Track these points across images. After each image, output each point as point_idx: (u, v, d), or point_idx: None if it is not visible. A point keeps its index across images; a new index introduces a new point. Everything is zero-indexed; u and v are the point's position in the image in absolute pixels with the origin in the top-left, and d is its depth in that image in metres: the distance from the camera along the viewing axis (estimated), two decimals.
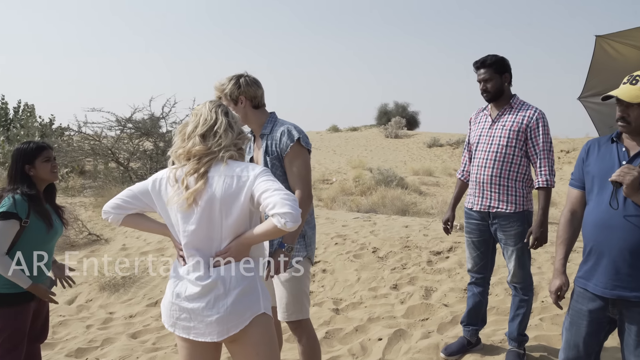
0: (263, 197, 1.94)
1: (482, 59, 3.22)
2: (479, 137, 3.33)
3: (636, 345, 2.13)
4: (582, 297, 2.28)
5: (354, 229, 6.54)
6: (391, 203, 12.31)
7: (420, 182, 16.97)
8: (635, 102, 2.07)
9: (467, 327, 3.56)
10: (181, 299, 2.05)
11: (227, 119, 2.12)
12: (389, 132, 31.09)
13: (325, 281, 5.00)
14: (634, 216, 2.08)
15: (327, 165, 20.97)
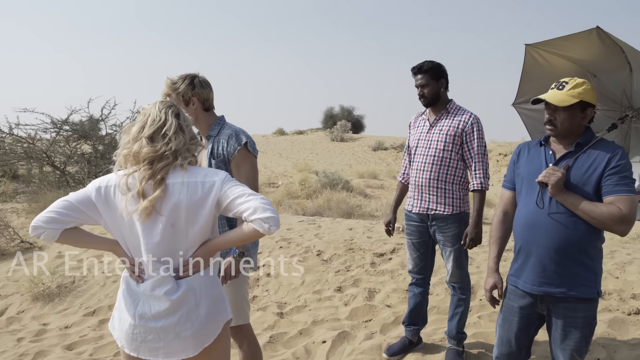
0: (238, 202, 1.89)
1: (418, 65, 3.30)
2: (417, 141, 3.42)
3: (562, 339, 2.25)
4: (513, 294, 2.38)
5: (298, 233, 6.56)
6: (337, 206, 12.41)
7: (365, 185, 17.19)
8: (561, 106, 2.19)
9: (409, 327, 3.64)
10: (146, 319, 1.90)
11: (178, 121, 1.98)
12: (335, 135, 31.37)
13: (269, 285, 4.98)
14: (559, 215, 2.19)
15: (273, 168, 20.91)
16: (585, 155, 2.20)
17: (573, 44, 2.39)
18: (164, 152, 1.91)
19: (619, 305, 4.28)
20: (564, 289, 2.21)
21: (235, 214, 1.91)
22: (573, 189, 2.18)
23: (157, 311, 1.89)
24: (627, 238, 9.84)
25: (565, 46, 2.43)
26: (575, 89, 2.19)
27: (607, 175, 2.13)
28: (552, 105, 2.22)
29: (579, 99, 2.17)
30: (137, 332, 1.92)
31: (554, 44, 2.45)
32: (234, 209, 1.90)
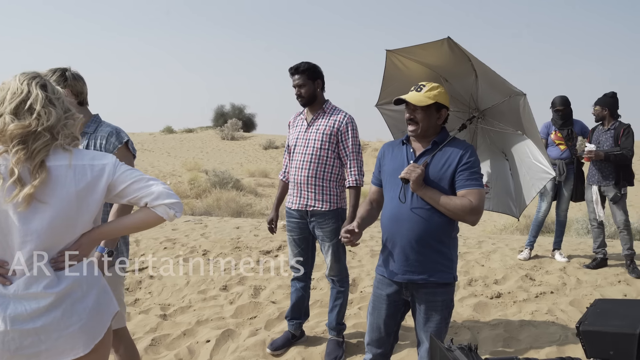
0: (136, 187, 1.79)
1: (295, 66, 3.41)
2: (296, 140, 3.53)
3: (425, 322, 2.46)
4: (381, 283, 2.56)
5: (184, 232, 6.44)
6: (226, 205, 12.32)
7: (256, 184, 17.21)
8: (420, 106, 2.41)
9: (292, 322, 3.74)
10: (21, 321, 1.67)
11: (46, 93, 1.75)
12: (226, 133, 30.98)
13: (152, 287, 4.85)
14: (419, 209, 2.40)
15: (161, 167, 20.23)
16: (441, 153, 2.43)
17: (428, 52, 2.62)
18: (35, 128, 1.67)
19: (483, 290, 4.71)
20: (424, 275, 2.42)
21: (133, 199, 1.81)
22: (431, 184, 2.40)
23: (36, 308, 1.69)
24: (494, 229, 10.81)
25: (421, 53, 2.66)
26: (431, 91, 2.43)
27: (459, 170, 2.37)
28: (412, 105, 2.44)
29: (435, 101, 2.41)
30: (9, 339, 1.67)
31: (411, 50, 2.66)
32: (131, 194, 1.80)
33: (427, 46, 2.55)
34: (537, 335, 3.78)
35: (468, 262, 5.43)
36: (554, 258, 5.53)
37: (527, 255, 5.53)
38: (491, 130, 2.98)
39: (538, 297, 4.54)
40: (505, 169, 3.04)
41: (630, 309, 2.00)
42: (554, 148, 5.40)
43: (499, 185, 3.08)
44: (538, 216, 5.56)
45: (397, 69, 2.82)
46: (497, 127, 2.92)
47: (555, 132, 5.42)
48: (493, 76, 2.61)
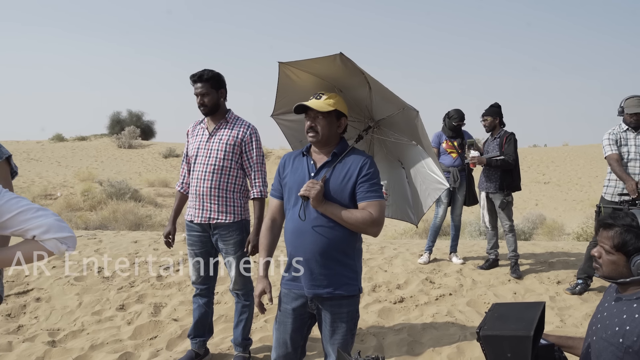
0: (23, 218, 1.64)
1: (199, 73, 3.28)
2: (197, 150, 3.39)
3: (331, 334, 2.44)
4: (287, 297, 2.51)
5: (76, 249, 5.99)
6: (123, 217, 11.73)
7: (156, 194, 16.54)
8: (321, 112, 2.41)
9: (194, 340, 3.58)
10: None
11: None
12: (122, 142, 29.50)
13: (39, 311, 4.44)
14: (321, 222, 2.38)
15: (50, 178, 18.81)
16: (341, 165, 2.43)
17: (320, 65, 2.64)
18: None
19: (387, 296, 4.81)
20: (330, 289, 2.40)
21: (18, 231, 1.66)
22: (332, 198, 2.39)
23: None
24: (395, 234, 11.19)
25: (314, 66, 2.67)
26: (330, 99, 2.45)
27: (359, 182, 2.39)
28: (313, 113, 2.43)
29: (335, 108, 2.43)
30: None
31: (304, 64, 2.67)
32: (16, 225, 1.65)
33: (319, 60, 2.57)
34: (439, 337, 3.92)
35: (371, 268, 5.54)
36: (451, 261, 5.80)
37: (426, 259, 5.74)
38: (387, 140, 3.05)
39: (438, 300, 4.71)
40: (402, 177, 3.12)
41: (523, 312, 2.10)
42: (446, 156, 5.68)
43: (397, 192, 3.15)
44: (435, 222, 5.80)
45: (291, 80, 2.81)
46: (392, 137, 2.99)
47: (446, 141, 5.70)
48: (385, 90, 2.67)
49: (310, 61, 2.62)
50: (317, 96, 2.47)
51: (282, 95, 2.98)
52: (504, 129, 5.47)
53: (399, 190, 3.15)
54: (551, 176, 23.85)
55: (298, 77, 2.81)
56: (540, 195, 20.33)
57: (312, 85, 2.79)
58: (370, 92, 2.76)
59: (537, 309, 2.09)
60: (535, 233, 11.85)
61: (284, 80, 2.85)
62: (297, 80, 2.82)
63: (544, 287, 5.06)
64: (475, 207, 6.30)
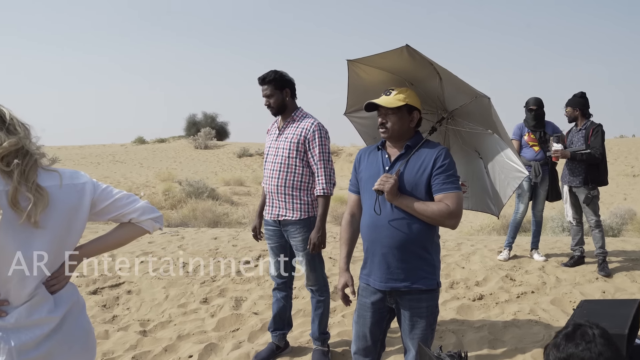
0: (119, 204, 1.82)
1: (263, 76, 3.35)
2: (268, 149, 3.50)
3: (410, 329, 2.44)
4: (365, 291, 2.53)
5: (160, 245, 6.32)
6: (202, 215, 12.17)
7: (231, 192, 17.06)
8: (391, 108, 2.40)
9: (275, 333, 3.68)
10: (28, 349, 1.62)
11: (8, 110, 1.67)
12: (199, 143, 30.65)
13: (130, 303, 4.73)
14: (397, 216, 2.38)
15: (134, 179, 19.89)
16: (415, 157, 2.42)
17: (388, 60, 2.63)
18: (22, 145, 1.59)
19: (465, 293, 4.72)
20: (407, 283, 2.39)
21: (116, 216, 1.84)
22: (407, 191, 2.38)
23: (40, 334, 1.64)
24: (471, 230, 10.92)
25: (382, 61, 2.67)
26: (400, 94, 2.43)
27: (435, 174, 2.36)
28: (383, 110, 2.43)
29: (405, 102, 2.41)
30: None
31: (371, 59, 2.67)
32: (114, 211, 1.82)
33: (386, 55, 2.56)
34: (521, 336, 3.80)
35: (448, 264, 5.45)
36: (532, 258, 5.59)
37: (506, 256, 5.57)
38: (462, 131, 3.00)
39: (519, 298, 4.57)
40: (481, 168, 3.06)
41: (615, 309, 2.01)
42: (528, 149, 5.47)
43: (476, 183, 3.09)
44: (516, 217, 5.62)
45: (360, 78, 2.82)
46: (467, 127, 2.93)
47: (528, 133, 5.49)
48: (456, 80, 2.63)
49: (377, 56, 2.62)
50: (387, 92, 2.47)
51: (353, 93, 3.00)
52: (591, 120, 5.19)
53: (477, 182, 3.09)
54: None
55: (367, 74, 2.82)
56: (629, 188, 19.09)
57: (382, 81, 2.79)
58: (441, 83, 2.72)
59: (631, 307, 1.99)
60: (624, 229, 11.16)
61: (353, 78, 2.87)
62: (366, 77, 2.83)
63: (637, 285, 4.77)
64: (558, 202, 6.04)
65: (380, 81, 2.79)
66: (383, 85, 2.71)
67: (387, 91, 2.48)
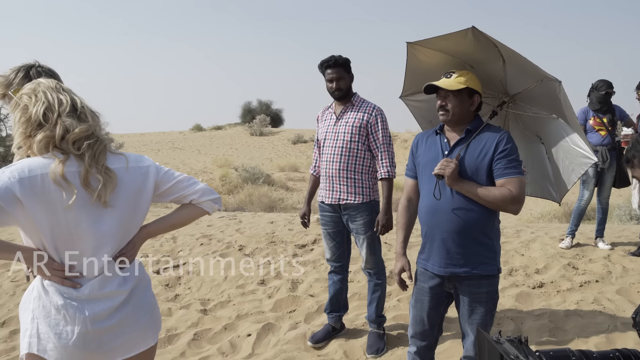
0: (181, 186, 1.92)
1: (334, 59, 3.38)
2: (325, 134, 3.52)
3: (469, 314, 2.41)
4: (423, 276, 2.52)
5: (219, 229, 6.50)
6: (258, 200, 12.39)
7: (286, 178, 17.26)
8: (451, 90, 2.37)
9: (331, 315, 3.73)
10: (101, 320, 1.73)
11: (80, 98, 1.77)
12: (254, 130, 31.15)
13: (192, 283, 4.91)
14: (457, 201, 2.35)
15: (192, 165, 20.47)
16: (476, 141, 2.37)
17: (450, 42, 2.56)
18: (92, 131, 1.72)
19: (524, 280, 4.61)
20: (467, 268, 2.36)
21: (177, 197, 1.93)
22: (467, 176, 2.34)
23: (111, 306, 1.75)
24: (531, 217, 10.60)
25: (443, 44, 2.60)
26: (461, 77, 2.39)
27: (496, 159, 2.31)
28: (443, 92, 2.40)
29: (466, 85, 2.37)
30: (89, 339, 1.71)
31: (432, 42, 2.62)
32: (176, 192, 1.91)
33: (449, 37, 2.50)
34: (584, 326, 3.68)
35: (507, 251, 5.33)
36: (596, 246, 5.38)
37: (569, 244, 5.39)
38: (523, 115, 2.90)
39: (583, 287, 4.42)
40: (542, 153, 2.96)
41: None
42: (594, 134, 5.23)
43: (536, 169, 2.99)
44: (580, 204, 5.41)
45: (419, 61, 2.77)
46: (530, 111, 2.83)
47: (593, 117, 5.25)
48: (522, 61, 2.53)
49: (439, 38, 2.57)
50: (447, 75, 2.43)
51: (410, 75, 2.96)
52: None
53: (538, 167, 2.99)
54: None
55: (427, 56, 2.77)
56: None
57: (441, 64, 2.74)
58: (505, 66, 2.64)
59: None
60: None
61: (412, 60, 2.83)
62: (425, 60, 2.79)
63: None
64: (625, 190, 5.76)
65: (440, 64, 2.74)
66: (442, 68, 2.66)
67: (448, 74, 2.44)
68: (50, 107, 1.69)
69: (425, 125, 3.24)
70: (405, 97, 3.19)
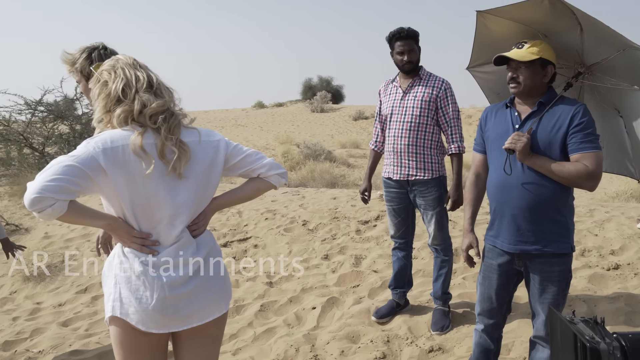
0: (249, 160, 1.97)
1: (405, 31, 3.31)
2: (391, 109, 3.45)
3: (540, 293, 2.35)
4: (491, 253, 2.47)
5: (283, 204, 6.61)
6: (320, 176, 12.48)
7: (347, 155, 17.27)
8: (523, 61, 2.27)
9: (395, 290, 3.73)
10: (177, 286, 1.81)
11: (156, 75, 1.86)
12: (315, 106, 31.25)
13: (257, 256, 5.05)
14: (529, 177, 2.27)
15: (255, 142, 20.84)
16: (549, 115, 2.27)
17: (524, 10, 2.43)
18: (168, 106, 1.80)
19: (598, 261, 4.43)
20: (539, 246, 2.30)
21: (246, 171, 1.98)
22: (540, 150, 2.25)
23: (186, 273, 1.83)
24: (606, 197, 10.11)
25: (516, 12, 2.48)
26: (534, 47, 2.28)
27: (571, 133, 2.21)
28: (514, 63, 2.30)
29: (539, 56, 2.26)
30: (167, 305, 1.80)
31: (504, 10, 2.50)
32: (244, 166, 1.97)
33: (522, 5, 2.37)
34: None
35: (579, 231, 5.12)
36: None
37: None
38: (601, 87, 2.74)
39: None
40: (620, 127, 2.79)
41: None
42: None
43: (613, 144, 2.83)
44: None
45: (489, 30, 2.65)
46: (608, 82, 2.66)
47: None
48: (602, 29, 2.38)
49: (511, 7, 2.45)
50: (519, 45, 2.33)
51: (479, 46, 2.85)
52: None
53: (615, 142, 2.83)
54: None
55: (497, 26, 2.66)
56: None
57: (512, 33, 2.62)
58: (582, 34, 2.49)
59: None
60: None
61: (481, 30, 2.72)
62: (496, 29, 2.68)
63: None
64: None
65: (511, 33, 2.62)
66: (513, 38, 2.55)
67: (520, 44, 2.34)
68: (128, 83, 1.77)
69: (492, 98, 3.14)
70: (472, 68, 3.09)
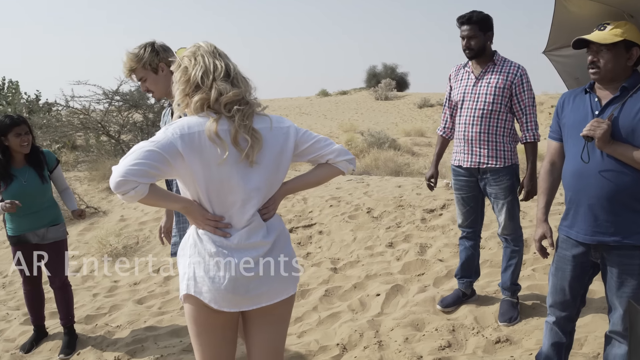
0: (318, 146, 2.02)
1: (467, 15, 3.23)
2: (463, 95, 3.38)
3: (618, 287, 2.25)
4: (565, 244, 2.39)
5: (347, 191, 6.65)
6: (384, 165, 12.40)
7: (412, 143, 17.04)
8: (604, 44, 2.16)
9: (462, 280, 3.69)
10: (247, 268, 1.88)
11: (233, 65, 1.92)
12: (379, 94, 30.96)
13: (322, 242, 5.12)
14: (608, 166, 2.17)
15: (319, 129, 20.96)
16: (633, 100, 2.15)
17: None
18: (243, 95, 1.86)
19: None
20: (618, 237, 2.20)
21: (315, 157, 2.03)
22: (622, 138, 2.14)
23: (256, 255, 1.90)
24: None
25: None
26: (617, 28, 2.16)
27: None
28: (595, 47, 2.19)
29: (623, 38, 2.14)
30: (239, 285, 1.87)
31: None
32: (313, 152, 2.01)
33: None
34: None
35: None
36: None
37: None
38: None
39: None
40: None
41: None
42: None
43: None
44: None
45: (569, 12, 2.53)
46: None
47: None
48: None
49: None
50: (600, 27, 2.22)
51: (557, 28, 2.74)
52: None
53: None
54: None
55: (578, 7, 2.54)
56: None
57: (594, 14, 2.49)
58: None
59: None
60: None
61: (560, 12, 2.61)
62: (576, 11, 2.56)
63: None
64: None
65: (593, 14, 2.50)
66: (595, 19, 2.43)
67: (602, 25, 2.22)
68: (207, 71, 1.85)
69: (570, 82, 3.01)
70: (549, 52, 2.98)
